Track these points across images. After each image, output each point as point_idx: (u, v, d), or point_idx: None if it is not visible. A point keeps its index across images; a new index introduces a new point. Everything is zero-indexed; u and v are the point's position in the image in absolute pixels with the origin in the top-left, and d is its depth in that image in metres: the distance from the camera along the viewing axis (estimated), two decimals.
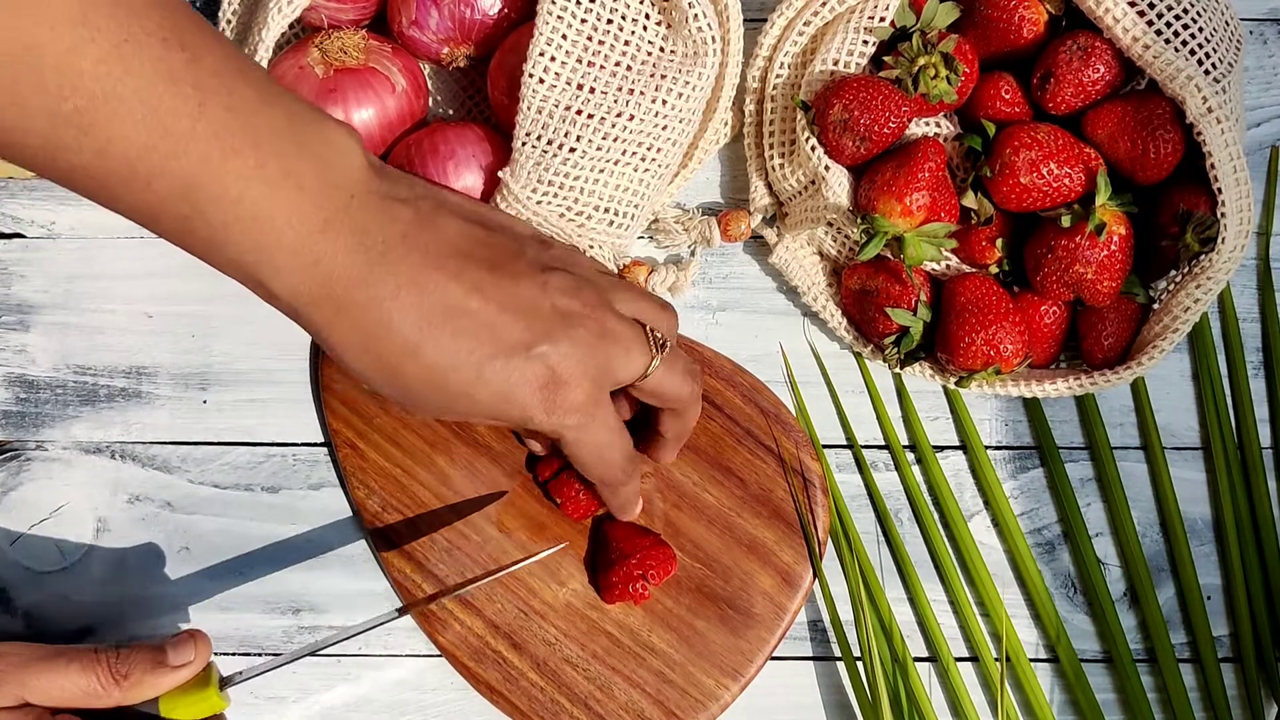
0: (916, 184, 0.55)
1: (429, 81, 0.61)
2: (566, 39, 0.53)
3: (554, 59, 0.53)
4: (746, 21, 0.58)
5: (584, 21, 0.53)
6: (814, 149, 0.56)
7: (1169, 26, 0.54)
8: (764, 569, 0.59)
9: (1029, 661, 0.60)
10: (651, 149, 0.56)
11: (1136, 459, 0.62)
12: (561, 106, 0.54)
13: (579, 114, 0.54)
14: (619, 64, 0.54)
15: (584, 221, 0.56)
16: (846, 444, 0.62)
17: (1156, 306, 0.58)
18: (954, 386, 0.59)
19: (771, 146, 0.59)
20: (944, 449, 0.62)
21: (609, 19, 0.54)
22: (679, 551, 0.59)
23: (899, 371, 0.61)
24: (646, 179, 0.56)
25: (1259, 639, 0.60)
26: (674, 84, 0.54)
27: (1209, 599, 0.61)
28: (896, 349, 0.58)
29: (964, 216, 0.57)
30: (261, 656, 0.60)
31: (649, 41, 0.55)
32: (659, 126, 0.55)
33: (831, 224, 0.59)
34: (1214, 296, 0.55)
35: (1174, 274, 0.58)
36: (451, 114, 0.62)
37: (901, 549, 0.61)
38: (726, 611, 0.59)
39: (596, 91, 0.54)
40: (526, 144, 0.54)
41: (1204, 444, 0.62)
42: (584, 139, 0.54)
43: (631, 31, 0.54)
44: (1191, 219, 0.54)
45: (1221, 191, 0.53)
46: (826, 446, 0.61)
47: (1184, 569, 0.60)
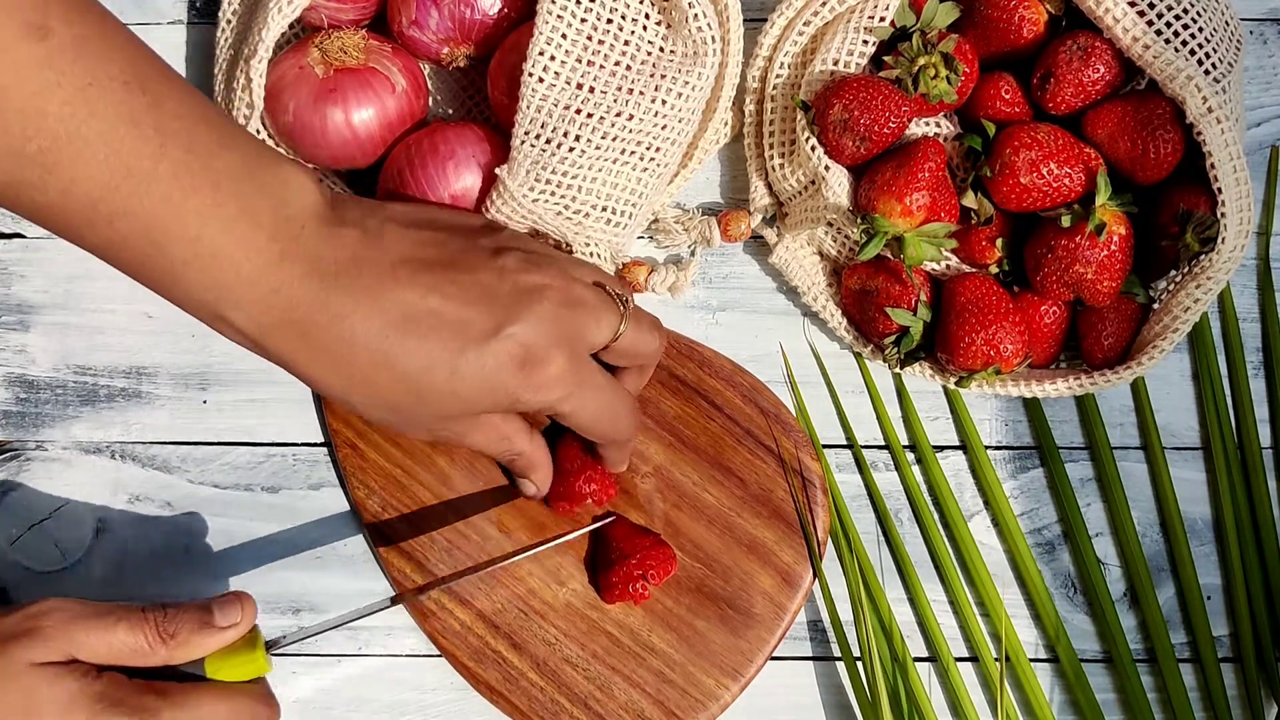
0: (916, 184, 0.55)
1: (429, 81, 0.61)
2: (566, 39, 0.53)
3: (554, 58, 0.53)
4: (746, 21, 0.58)
5: (584, 21, 0.53)
6: (814, 149, 0.56)
7: (1169, 26, 0.54)
8: (764, 569, 0.59)
9: (1029, 661, 0.60)
10: (651, 148, 0.56)
11: (1136, 459, 0.61)
12: (561, 105, 0.54)
13: (578, 113, 0.54)
14: (619, 64, 0.54)
15: (581, 220, 0.56)
16: (846, 444, 0.62)
17: (1156, 306, 0.58)
18: (954, 386, 0.59)
19: (771, 146, 0.59)
20: (944, 449, 0.62)
21: (609, 19, 0.54)
22: (679, 551, 0.59)
23: (899, 371, 0.61)
24: (645, 178, 0.56)
25: (1259, 639, 0.59)
26: (674, 84, 0.54)
27: (1209, 599, 0.61)
28: (896, 349, 0.58)
29: (964, 216, 0.57)
30: None
31: (649, 41, 0.55)
32: (658, 126, 0.55)
33: (831, 224, 0.59)
34: (1214, 296, 0.55)
35: (1174, 274, 0.58)
36: (451, 114, 0.62)
37: (901, 549, 0.61)
38: (726, 611, 0.58)
39: (596, 91, 0.54)
40: (525, 142, 0.54)
41: (1204, 444, 0.62)
42: (583, 138, 0.54)
43: (631, 31, 0.54)
44: (1191, 219, 0.54)
45: (1221, 191, 0.53)
46: (826, 446, 0.61)
47: (1184, 569, 0.60)
